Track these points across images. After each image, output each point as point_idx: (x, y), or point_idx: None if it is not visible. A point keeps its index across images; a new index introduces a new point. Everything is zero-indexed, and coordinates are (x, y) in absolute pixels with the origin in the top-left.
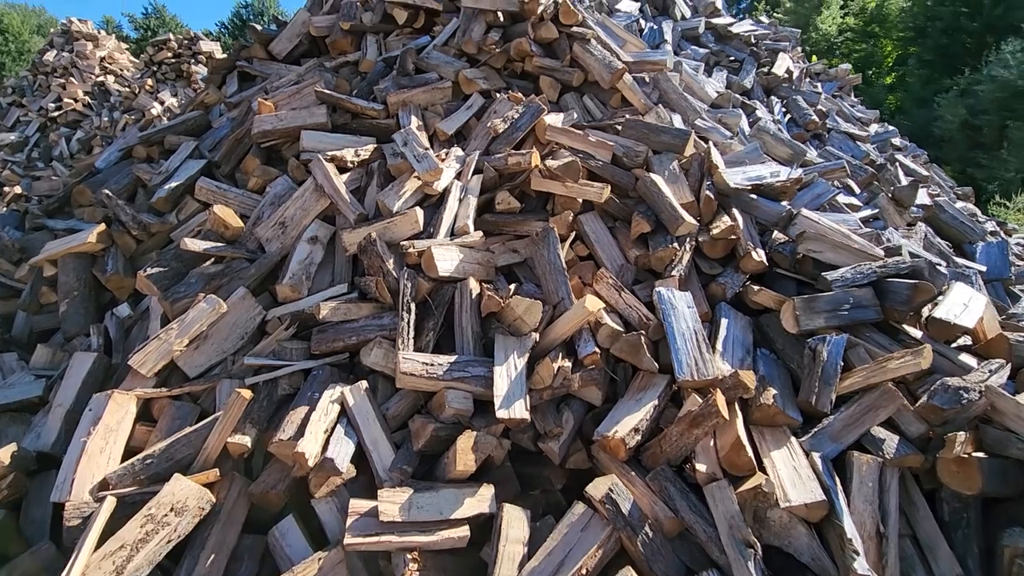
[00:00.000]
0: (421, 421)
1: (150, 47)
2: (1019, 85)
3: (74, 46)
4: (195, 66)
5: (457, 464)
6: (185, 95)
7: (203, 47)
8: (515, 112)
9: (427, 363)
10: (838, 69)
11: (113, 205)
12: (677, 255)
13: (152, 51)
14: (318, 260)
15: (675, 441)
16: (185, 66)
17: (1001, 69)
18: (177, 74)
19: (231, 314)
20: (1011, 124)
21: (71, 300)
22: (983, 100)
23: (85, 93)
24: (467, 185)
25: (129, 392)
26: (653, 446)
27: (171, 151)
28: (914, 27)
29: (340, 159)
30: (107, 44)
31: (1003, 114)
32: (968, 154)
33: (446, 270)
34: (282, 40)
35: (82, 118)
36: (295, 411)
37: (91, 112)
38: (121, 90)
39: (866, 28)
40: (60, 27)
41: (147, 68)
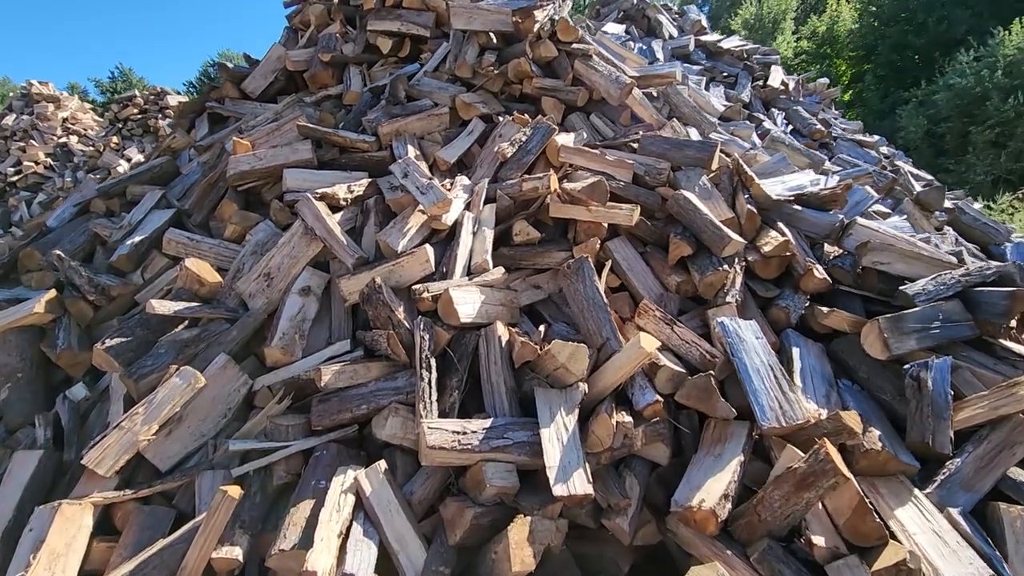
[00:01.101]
0: (456, 506)
1: (115, 104)
2: (976, 92)
3: (34, 108)
4: (162, 121)
5: (513, 563)
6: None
7: (170, 101)
8: (523, 134)
9: (458, 432)
10: (816, 83)
11: (65, 267)
12: (729, 278)
13: (117, 108)
14: (312, 315)
15: (778, 508)
16: (152, 121)
17: (958, 78)
18: (144, 129)
19: (210, 388)
20: (973, 130)
21: (14, 384)
22: (943, 108)
23: (47, 155)
24: (479, 216)
25: (82, 501)
26: (747, 514)
27: (135, 203)
28: (864, 46)
29: (331, 196)
30: (69, 105)
31: (964, 120)
32: (935, 161)
33: (468, 315)
34: (256, 77)
35: (44, 180)
36: (298, 507)
37: (53, 174)
38: (85, 150)
39: (819, 50)
40: (19, 90)
41: (112, 126)
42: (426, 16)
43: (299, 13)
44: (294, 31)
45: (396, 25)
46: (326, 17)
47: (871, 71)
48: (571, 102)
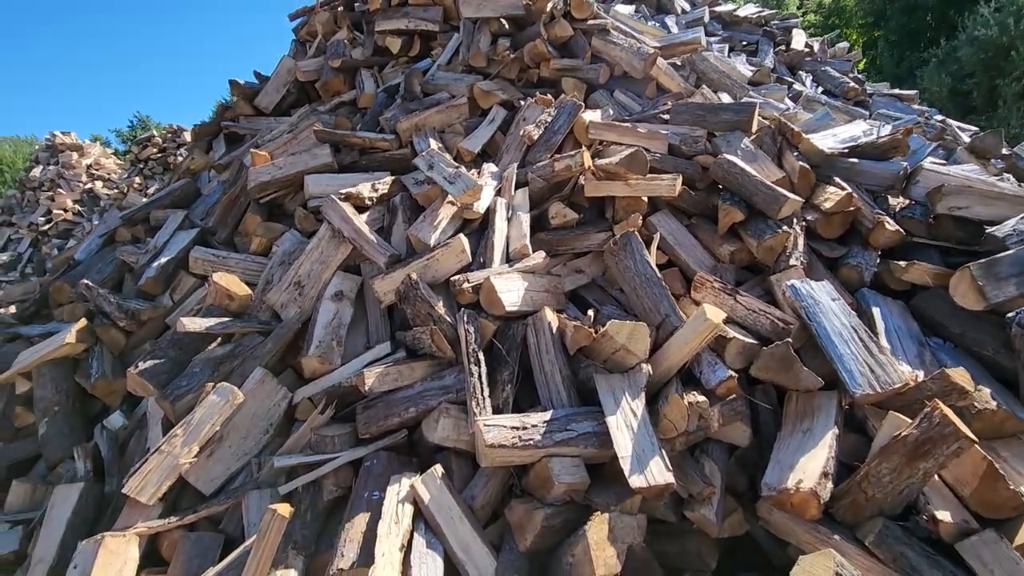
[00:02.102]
0: (523, 509)
1: (135, 146)
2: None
3: (59, 158)
4: (180, 157)
5: (596, 566)
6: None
7: (187, 138)
8: (548, 115)
9: (517, 427)
10: (836, 47)
11: (94, 296)
12: (790, 240)
13: (137, 149)
14: (347, 320)
15: (888, 483)
16: (171, 158)
17: (982, 29)
18: (164, 167)
19: (249, 404)
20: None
21: (52, 418)
22: (967, 64)
23: (75, 202)
24: (512, 201)
25: (126, 532)
26: (851, 493)
27: (159, 227)
28: (873, 12)
29: (356, 196)
30: (92, 151)
31: (990, 74)
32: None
33: (512, 303)
34: (268, 92)
35: (73, 226)
36: (353, 522)
37: (82, 219)
38: (110, 193)
39: (827, 22)
40: (44, 142)
41: (133, 166)
42: (433, 11)
43: (305, 24)
44: (302, 43)
45: (404, 23)
46: (332, 24)
47: (883, 37)
48: (592, 80)
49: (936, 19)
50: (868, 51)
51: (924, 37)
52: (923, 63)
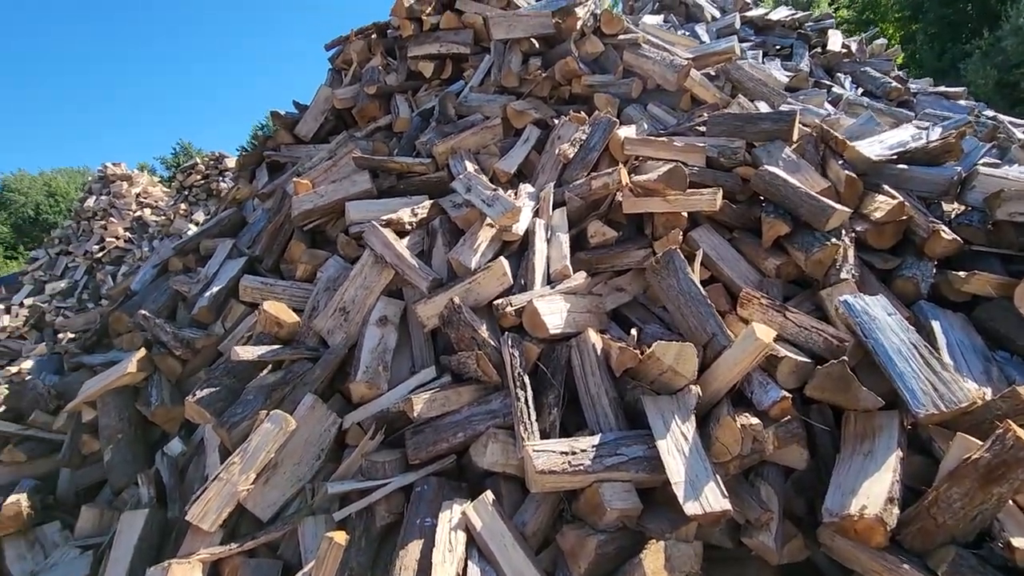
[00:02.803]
0: (575, 535)
1: (180, 173)
2: None
3: (110, 188)
4: (223, 183)
5: None
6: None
7: (228, 164)
8: (582, 133)
9: (566, 452)
10: (874, 45)
11: (151, 326)
12: (840, 253)
13: (182, 177)
14: (392, 345)
15: (959, 508)
16: (214, 185)
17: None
18: (208, 193)
19: (302, 430)
20: None
21: (116, 445)
22: (1013, 54)
23: (125, 229)
24: (550, 222)
25: (190, 559)
26: (919, 519)
27: (208, 257)
28: (910, 6)
29: (397, 222)
30: (140, 180)
31: None
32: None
33: (556, 326)
34: (307, 121)
35: (125, 253)
36: (407, 549)
37: (132, 246)
38: (158, 220)
39: (861, 16)
40: (96, 174)
41: (179, 194)
42: (464, 34)
43: (341, 53)
44: (337, 71)
45: (436, 47)
46: (367, 52)
47: (921, 30)
48: (625, 95)
49: (977, 9)
50: (906, 45)
51: (965, 28)
52: (966, 55)
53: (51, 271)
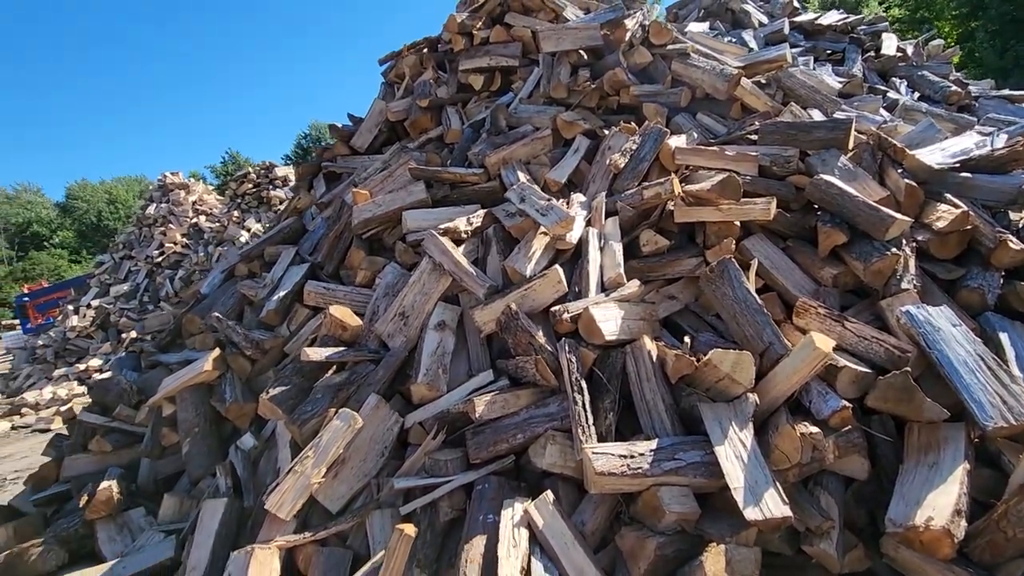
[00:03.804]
0: (634, 537)
1: (233, 182)
2: None
3: (169, 196)
4: (273, 191)
5: None
6: (267, 219)
7: (278, 172)
8: (633, 143)
9: (625, 455)
10: (930, 47)
11: (224, 327)
12: (900, 263)
13: (235, 185)
14: (451, 348)
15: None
16: (265, 193)
17: None
18: (259, 201)
19: (366, 428)
20: None
21: (193, 438)
22: None
23: (183, 235)
24: (603, 231)
25: (270, 545)
26: (988, 532)
27: (272, 262)
28: (968, 2)
29: (453, 231)
30: (196, 189)
31: None
32: None
33: (611, 332)
34: (362, 133)
35: (182, 258)
36: (471, 543)
37: (189, 251)
38: (212, 226)
39: (915, 15)
40: (156, 183)
41: (232, 202)
42: (513, 47)
43: (393, 68)
44: (390, 85)
45: (486, 61)
46: (419, 67)
47: (981, 27)
48: (674, 104)
49: None
50: (963, 44)
51: None
52: None
53: (115, 274)
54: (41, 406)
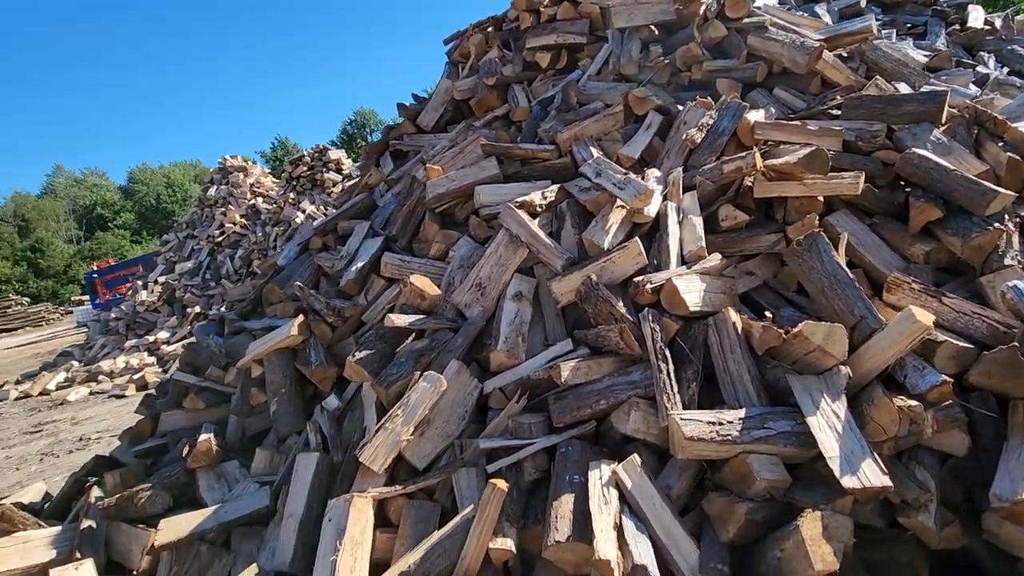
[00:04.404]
0: (723, 502)
1: (288, 164)
2: None
3: (229, 178)
4: (327, 174)
5: (813, 560)
6: (321, 201)
7: (331, 155)
8: (709, 118)
9: (713, 422)
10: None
11: (306, 296)
12: (1003, 238)
13: (290, 168)
14: (528, 318)
15: None
16: (319, 175)
17: None
18: (312, 183)
19: (449, 392)
20: None
21: (280, 398)
22: None
23: (241, 216)
24: (681, 205)
25: (366, 494)
26: None
27: (345, 236)
28: None
29: (529, 204)
30: (254, 171)
31: None
32: None
33: (695, 304)
34: (428, 112)
35: (241, 238)
36: (560, 501)
37: (247, 231)
38: (269, 208)
39: None
40: (217, 165)
41: (287, 184)
42: (580, 23)
43: (458, 47)
44: (454, 64)
45: (553, 38)
46: (484, 45)
47: None
48: (749, 79)
49: None
50: None
51: None
52: None
53: (180, 252)
54: (115, 374)
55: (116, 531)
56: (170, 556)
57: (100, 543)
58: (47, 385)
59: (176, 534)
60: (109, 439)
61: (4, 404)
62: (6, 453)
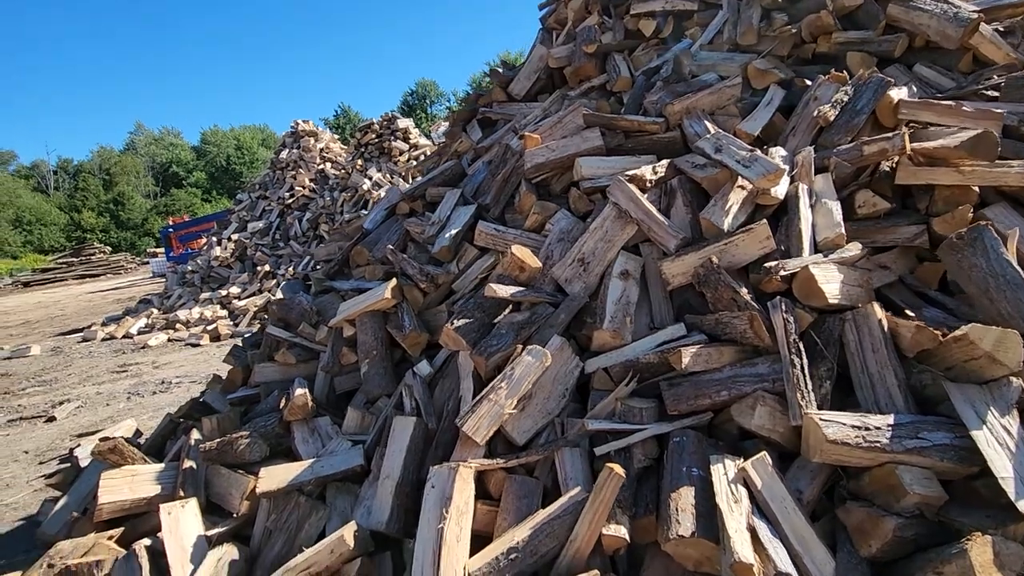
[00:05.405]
0: (865, 514)
1: (357, 131)
2: None
3: (300, 143)
4: (394, 142)
5: None
6: (388, 169)
7: (400, 124)
8: (844, 94)
9: (859, 427)
10: None
11: (399, 260)
12: None
13: (359, 135)
14: (635, 298)
15: None
16: (386, 143)
17: None
18: (380, 151)
19: (551, 368)
20: None
21: (371, 360)
22: None
23: (310, 180)
24: (814, 188)
25: (470, 464)
26: None
27: (433, 203)
28: None
29: (639, 179)
30: (324, 137)
31: None
32: None
33: (833, 296)
34: (520, 80)
35: (309, 201)
36: (679, 493)
37: (315, 195)
38: (337, 173)
39: None
40: (289, 130)
41: (356, 151)
42: None
43: (553, 12)
44: (548, 31)
45: (660, 5)
46: (583, 11)
47: None
48: (886, 53)
49: None
50: None
51: None
52: None
53: (252, 212)
54: (191, 324)
55: (215, 474)
56: (269, 504)
57: (200, 483)
58: (130, 329)
59: (276, 483)
60: (188, 384)
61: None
62: (97, 389)
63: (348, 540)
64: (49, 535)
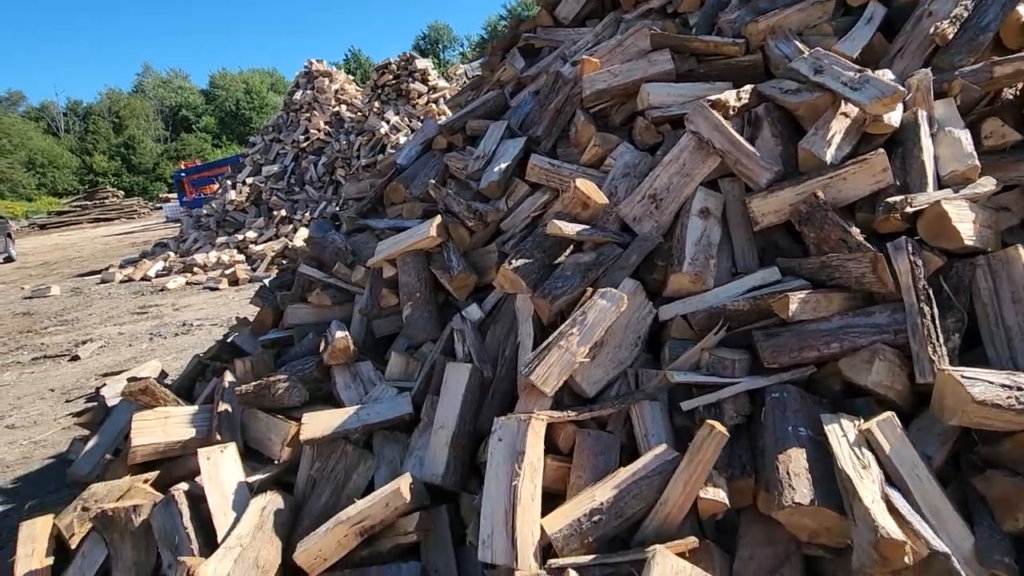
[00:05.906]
0: (1014, 484)
1: (374, 72)
2: None
3: (314, 83)
4: (412, 84)
5: None
6: (405, 112)
7: (418, 64)
8: (964, 9)
9: (1009, 386)
10: None
11: (442, 196)
12: None
13: (376, 75)
14: (716, 239)
15: None
16: (404, 85)
17: None
18: (397, 93)
19: (623, 314)
20: None
21: (415, 303)
22: None
23: (325, 123)
24: (934, 115)
25: (541, 417)
26: None
27: (473, 137)
28: None
29: (722, 105)
30: (339, 78)
31: None
32: None
33: (968, 236)
34: (568, 2)
35: (324, 145)
36: (787, 455)
37: (331, 139)
38: (353, 116)
39: None
40: (303, 70)
41: (373, 92)
42: None
43: None
44: None
45: None
46: None
47: None
48: None
49: None
50: None
51: None
52: None
53: (266, 155)
54: (208, 267)
55: (252, 418)
56: (312, 451)
57: (236, 427)
58: (147, 272)
59: (321, 430)
60: (210, 327)
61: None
62: (119, 329)
63: (404, 493)
64: (80, 475)
